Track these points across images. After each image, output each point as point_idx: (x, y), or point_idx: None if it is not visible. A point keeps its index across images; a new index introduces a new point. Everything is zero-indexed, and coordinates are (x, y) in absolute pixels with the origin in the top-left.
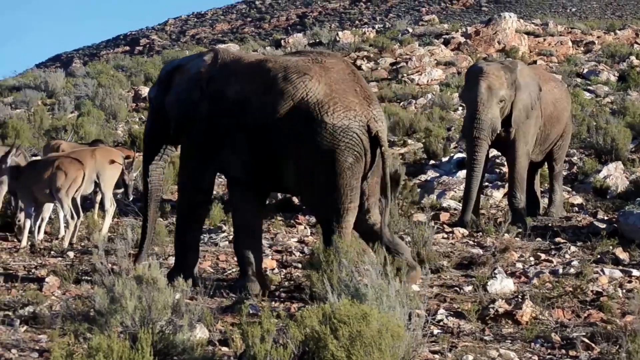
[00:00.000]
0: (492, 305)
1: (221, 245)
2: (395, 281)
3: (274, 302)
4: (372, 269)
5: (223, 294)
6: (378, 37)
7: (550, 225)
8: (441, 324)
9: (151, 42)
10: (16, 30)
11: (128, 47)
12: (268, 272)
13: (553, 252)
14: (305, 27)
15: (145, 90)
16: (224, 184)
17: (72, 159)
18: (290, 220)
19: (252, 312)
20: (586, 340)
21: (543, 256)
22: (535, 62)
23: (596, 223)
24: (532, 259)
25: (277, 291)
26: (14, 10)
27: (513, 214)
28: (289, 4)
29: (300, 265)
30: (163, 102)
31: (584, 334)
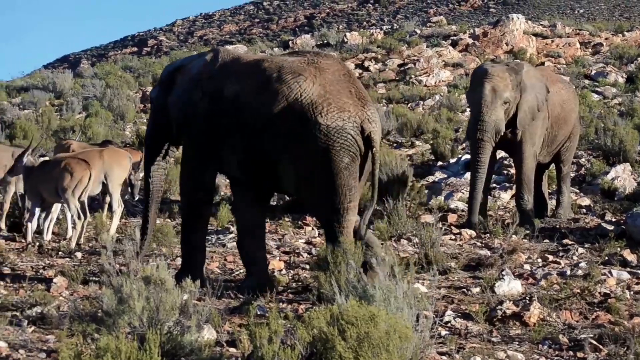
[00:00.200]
0: (499, 307)
1: (229, 247)
2: (403, 282)
3: (281, 303)
4: (379, 270)
5: (231, 295)
6: (386, 38)
7: (558, 226)
8: (449, 325)
9: (159, 43)
10: (23, 31)
11: (136, 48)
12: (276, 273)
13: (561, 254)
14: (313, 28)
15: None
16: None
17: (78, 159)
18: (297, 222)
19: (259, 313)
20: (594, 342)
21: (551, 258)
22: (543, 63)
23: (604, 225)
24: (539, 260)
25: (285, 292)
26: (20, 11)
27: (521, 216)
28: (296, 5)
29: (307, 267)
30: (165, 103)
31: (592, 335)
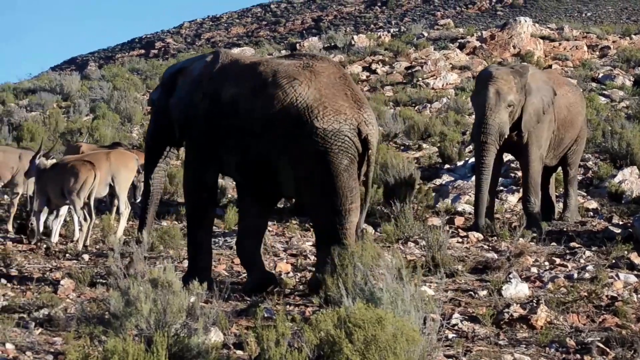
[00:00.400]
0: (506, 310)
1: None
2: (410, 285)
3: (288, 306)
4: (387, 273)
5: (238, 297)
6: (393, 41)
7: (565, 229)
8: (456, 328)
9: (166, 46)
10: (24, 31)
11: (143, 50)
12: (283, 275)
13: (568, 257)
14: (320, 30)
15: None
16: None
17: (83, 161)
18: (304, 224)
19: (266, 315)
20: (601, 345)
21: (558, 261)
22: (550, 66)
23: (611, 228)
24: (547, 263)
25: (292, 295)
26: (21, 12)
27: (528, 219)
28: (304, 8)
29: (315, 269)
30: (167, 104)
31: (599, 338)
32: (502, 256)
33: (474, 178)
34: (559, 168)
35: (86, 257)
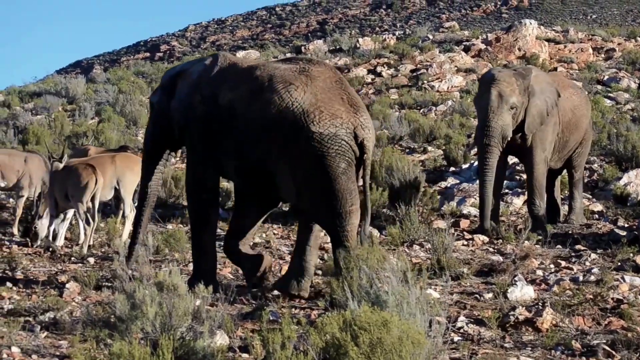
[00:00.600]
0: (512, 313)
1: None
2: (415, 288)
3: (294, 309)
4: (392, 276)
5: (243, 300)
6: (398, 43)
7: (570, 232)
8: (461, 331)
9: (171, 49)
10: (33, 34)
11: (148, 54)
12: None
13: (573, 260)
14: (325, 33)
15: None
16: None
17: (86, 165)
18: None
19: (272, 318)
20: (607, 347)
21: (563, 263)
22: (555, 69)
23: (616, 230)
24: (552, 266)
25: (297, 298)
26: (27, 13)
27: (533, 221)
28: (309, 11)
29: (320, 272)
30: (167, 107)
31: (605, 341)
32: (507, 259)
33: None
34: (564, 171)
35: (92, 260)
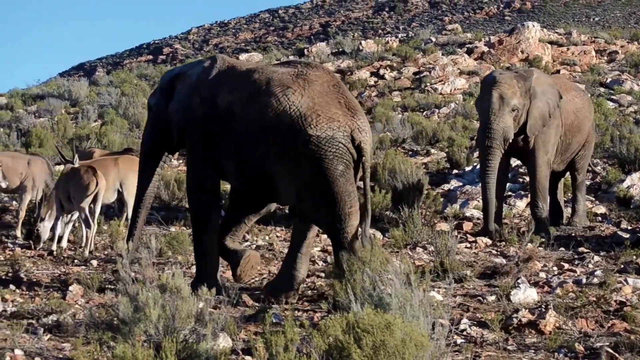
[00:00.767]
0: (515, 315)
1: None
2: (418, 291)
3: (297, 311)
4: (395, 278)
5: (246, 302)
6: (401, 46)
7: (573, 234)
8: (464, 333)
9: (174, 51)
10: (37, 35)
11: (151, 56)
12: None
13: (576, 262)
14: (328, 36)
15: None
16: None
17: (87, 167)
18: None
19: (275, 321)
20: (610, 350)
21: (566, 266)
22: (558, 71)
23: (620, 233)
24: (555, 268)
25: (301, 300)
26: (31, 17)
27: (536, 224)
28: (312, 13)
29: (323, 274)
30: (166, 109)
31: (608, 344)
32: (510, 261)
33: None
34: (567, 173)
35: (95, 262)
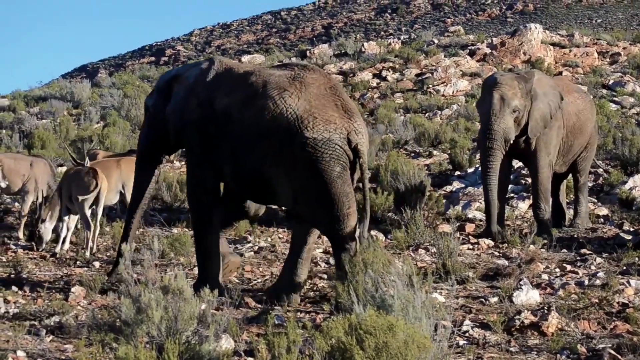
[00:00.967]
0: (517, 317)
1: (247, 256)
2: (421, 292)
3: (299, 313)
4: (397, 280)
5: (249, 304)
6: (403, 48)
7: (575, 236)
8: (467, 335)
9: (176, 53)
10: (37, 36)
11: (153, 58)
12: None
13: (579, 264)
14: (330, 37)
15: None
16: None
17: (88, 169)
18: None
19: (277, 322)
20: (612, 351)
21: (569, 267)
22: (560, 73)
23: (622, 234)
24: (557, 270)
25: (303, 302)
26: (31, 17)
27: (538, 225)
28: (314, 15)
29: (325, 276)
30: (163, 110)
31: (610, 345)
32: (512, 263)
33: None
34: (569, 175)
35: (97, 264)
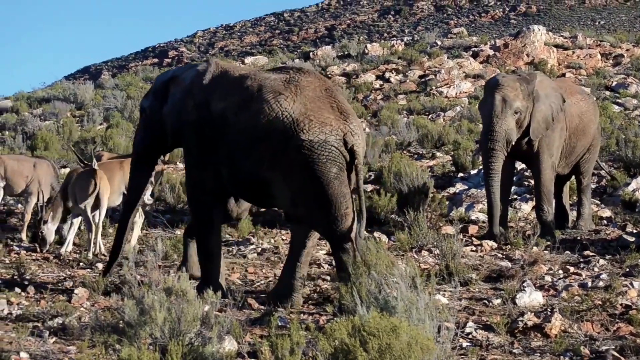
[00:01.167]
0: (521, 318)
1: (250, 258)
2: (424, 294)
3: (302, 315)
4: (401, 282)
5: (252, 306)
6: (407, 49)
7: (579, 238)
8: (470, 336)
9: (180, 54)
10: (37, 36)
11: (157, 59)
12: None
13: (582, 265)
14: (333, 39)
15: None
16: None
17: (89, 170)
18: None
19: (281, 324)
20: (615, 353)
21: (572, 269)
22: (564, 74)
23: (625, 236)
24: (560, 272)
25: (306, 303)
26: (31, 17)
27: (541, 227)
28: (317, 17)
29: (328, 278)
30: (159, 111)
31: (613, 347)
32: (516, 265)
33: None
34: (572, 176)
35: (100, 265)
